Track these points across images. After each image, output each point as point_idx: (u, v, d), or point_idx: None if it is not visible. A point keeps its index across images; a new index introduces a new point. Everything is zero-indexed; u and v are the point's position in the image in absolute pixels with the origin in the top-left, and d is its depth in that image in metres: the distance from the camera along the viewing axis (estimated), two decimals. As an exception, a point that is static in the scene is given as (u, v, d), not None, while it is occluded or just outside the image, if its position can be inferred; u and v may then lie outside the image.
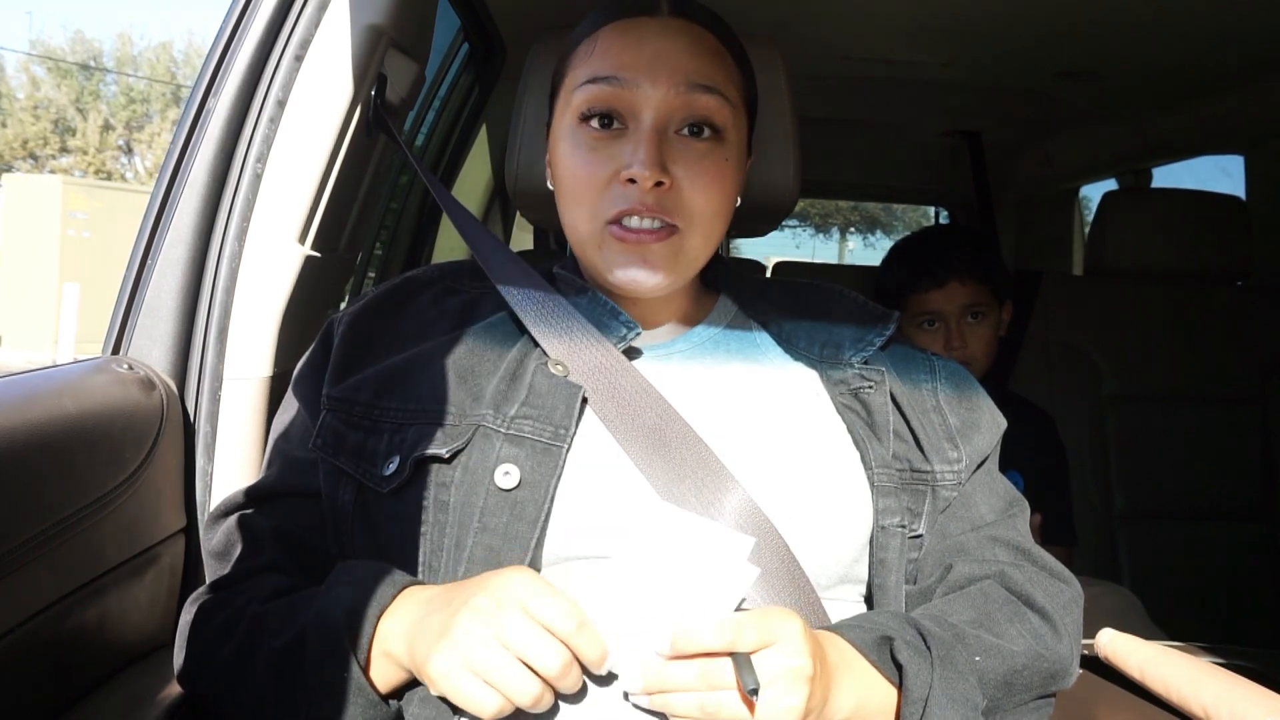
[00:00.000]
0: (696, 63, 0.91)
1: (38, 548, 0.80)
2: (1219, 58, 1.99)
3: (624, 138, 0.90)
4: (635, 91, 0.89)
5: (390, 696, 0.79)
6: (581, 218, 0.92)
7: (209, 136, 1.10)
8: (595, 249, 0.92)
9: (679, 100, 0.90)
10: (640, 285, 0.91)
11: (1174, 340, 2.13)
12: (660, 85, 0.89)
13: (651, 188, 0.88)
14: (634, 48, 0.91)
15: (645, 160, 0.87)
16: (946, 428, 0.96)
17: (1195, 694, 0.99)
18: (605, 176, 0.90)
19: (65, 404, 0.88)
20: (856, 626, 0.82)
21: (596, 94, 0.90)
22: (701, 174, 0.90)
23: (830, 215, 19.12)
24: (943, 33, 1.96)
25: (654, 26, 0.92)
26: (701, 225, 0.91)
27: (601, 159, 0.90)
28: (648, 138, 0.88)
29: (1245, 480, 2.12)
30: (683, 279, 0.94)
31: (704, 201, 0.90)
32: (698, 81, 0.90)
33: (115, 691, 0.93)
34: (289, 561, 0.90)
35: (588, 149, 0.91)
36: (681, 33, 0.92)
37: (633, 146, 0.89)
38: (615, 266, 0.91)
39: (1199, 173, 2.76)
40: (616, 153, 0.90)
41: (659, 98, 0.89)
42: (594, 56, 0.92)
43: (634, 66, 0.90)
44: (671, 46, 0.91)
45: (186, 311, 1.10)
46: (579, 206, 0.92)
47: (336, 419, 0.91)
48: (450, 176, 2.28)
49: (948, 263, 1.83)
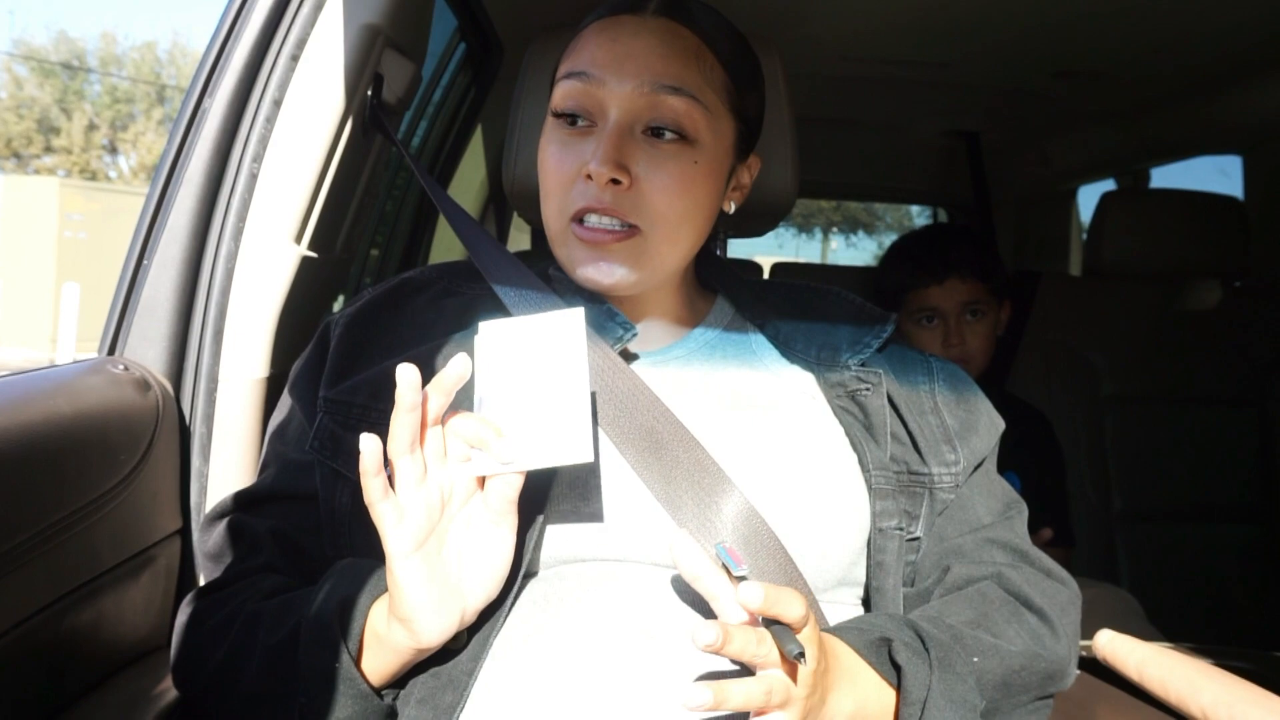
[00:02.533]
0: (666, 63, 0.89)
1: (33, 549, 0.80)
2: (1217, 58, 1.99)
3: (591, 135, 0.90)
4: (602, 89, 0.89)
5: (384, 688, 0.79)
6: (551, 213, 0.92)
7: (205, 136, 1.10)
8: (561, 245, 0.92)
9: (643, 100, 0.89)
10: (599, 284, 0.91)
11: (1172, 341, 2.13)
12: (626, 83, 0.89)
13: (607, 183, 0.87)
14: (607, 45, 0.91)
15: (601, 157, 0.87)
16: (944, 429, 0.96)
17: (1193, 695, 0.99)
18: (571, 173, 0.90)
19: (60, 405, 0.87)
20: (854, 629, 0.82)
21: (568, 90, 0.91)
22: (664, 176, 0.89)
23: (812, 215, 19.16)
24: (941, 33, 1.96)
25: (631, 25, 0.91)
26: (664, 227, 0.90)
27: (569, 155, 0.90)
28: (608, 136, 0.88)
29: (1243, 481, 2.12)
30: (650, 280, 0.93)
31: (665, 204, 0.89)
32: (665, 83, 0.89)
33: (111, 693, 0.92)
34: (285, 563, 0.90)
35: (559, 144, 0.91)
36: (658, 32, 0.91)
37: (595, 144, 0.89)
38: (576, 264, 0.91)
39: (1197, 173, 2.76)
40: (583, 149, 0.90)
41: (623, 95, 0.89)
42: (573, 54, 0.93)
43: (603, 64, 0.89)
44: (644, 45, 0.90)
45: (182, 312, 1.10)
46: (548, 202, 0.92)
47: (333, 421, 0.90)
48: (447, 176, 2.28)
49: (948, 259, 1.83)
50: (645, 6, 0.93)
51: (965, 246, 1.87)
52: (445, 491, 0.75)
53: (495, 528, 0.76)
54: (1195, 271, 2.13)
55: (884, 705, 0.79)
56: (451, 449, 0.76)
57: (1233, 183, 2.51)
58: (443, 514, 0.75)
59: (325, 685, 0.76)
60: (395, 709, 0.79)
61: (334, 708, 0.76)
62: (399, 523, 0.73)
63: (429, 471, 0.74)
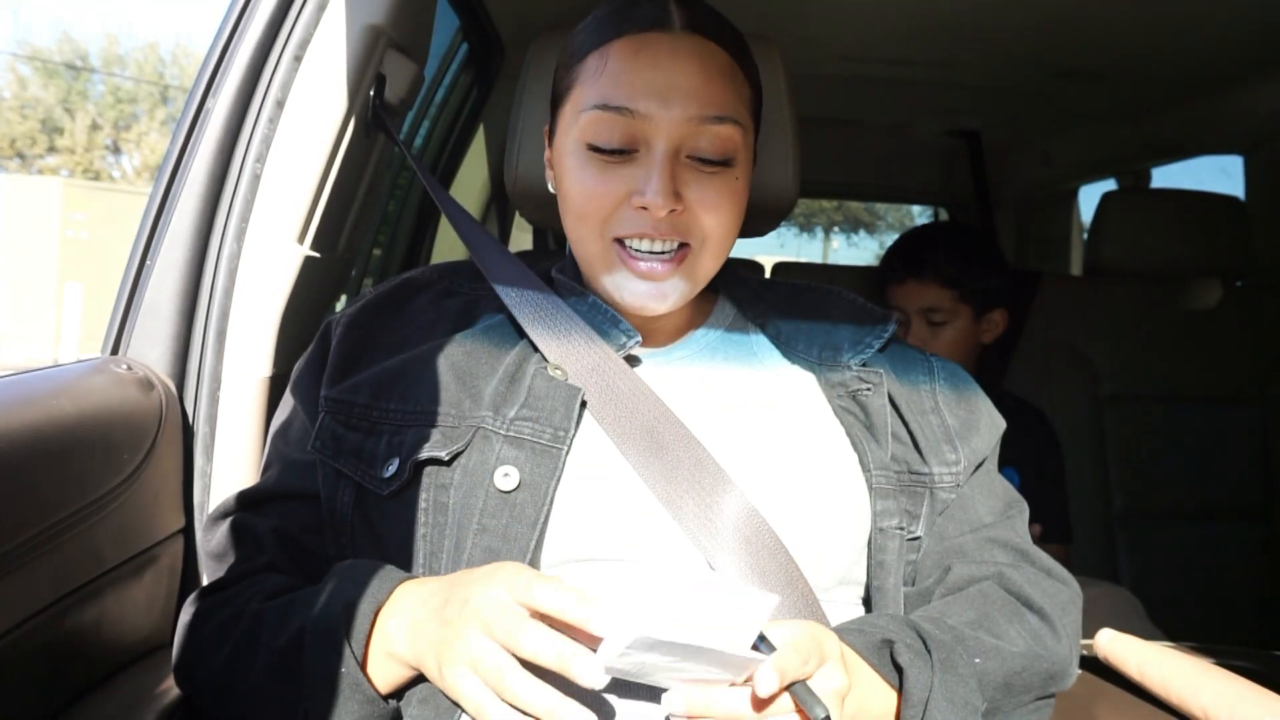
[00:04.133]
0: (709, 91, 0.88)
1: (36, 549, 0.80)
2: (1219, 58, 1.99)
3: (634, 161, 0.89)
4: (647, 123, 0.87)
5: (390, 695, 0.79)
6: (588, 235, 0.91)
7: (208, 137, 1.10)
8: (604, 268, 0.91)
9: (691, 130, 0.88)
10: (654, 311, 0.92)
11: (1173, 340, 2.13)
12: (673, 113, 0.87)
13: (665, 215, 0.87)
14: (646, 72, 0.88)
15: (660, 189, 0.86)
16: (945, 429, 0.96)
17: (1194, 694, 0.99)
18: (615, 200, 0.89)
19: (63, 405, 0.87)
20: (856, 630, 0.82)
21: (608, 122, 0.88)
22: (713, 195, 0.89)
23: (814, 215, 19.16)
24: (942, 32, 1.96)
25: (666, 46, 0.89)
26: (713, 244, 0.91)
27: (612, 180, 0.89)
28: (661, 167, 0.87)
29: (1244, 480, 2.12)
30: (691, 296, 0.94)
31: (715, 222, 0.90)
32: (711, 113, 0.88)
33: (113, 692, 0.93)
34: (288, 563, 0.90)
35: (597, 170, 0.89)
36: (695, 54, 0.89)
37: (645, 173, 0.87)
38: (625, 291, 0.91)
39: (1198, 173, 2.76)
40: (628, 176, 0.88)
41: (670, 127, 0.87)
42: (604, 77, 0.89)
43: (645, 95, 0.87)
44: (685, 70, 0.88)
45: (185, 312, 1.10)
46: (584, 224, 0.91)
47: (335, 421, 0.91)
48: (449, 176, 2.28)
49: (910, 260, 1.79)
50: (672, 21, 0.90)
51: (936, 250, 1.79)
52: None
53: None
54: (1196, 271, 2.13)
55: (885, 707, 0.79)
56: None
57: (1234, 183, 2.51)
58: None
59: (331, 690, 0.76)
60: (401, 711, 0.79)
61: (341, 712, 0.76)
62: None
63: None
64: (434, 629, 0.73)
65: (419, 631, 0.75)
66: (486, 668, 0.69)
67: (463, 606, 0.72)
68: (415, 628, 0.75)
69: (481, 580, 0.73)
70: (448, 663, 0.71)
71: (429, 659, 0.74)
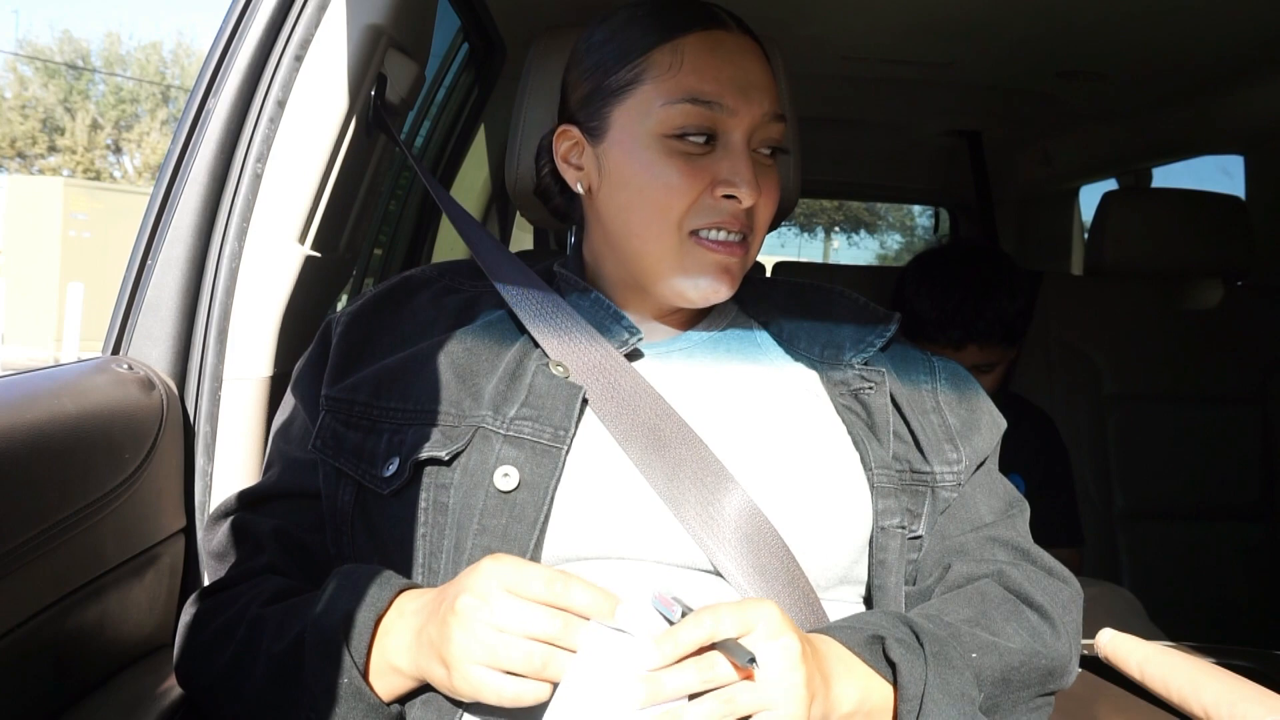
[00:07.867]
0: (773, 90, 0.94)
1: (37, 548, 0.80)
2: (1219, 58, 1.99)
3: (714, 153, 0.91)
4: (733, 117, 0.91)
5: (393, 702, 0.79)
6: (663, 227, 0.91)
7: (209, 136, 1.10)
8: (673, 256, 0.92)
9: (763, 125, 0.93)
10: (715, 297, 0.93)
11: (1174, 340, 2.13)
12: (753, 110, 0.91)
13: (750, 205, 0.91)
14: (728, 68, 0.92)
15: (749, 181, 0.90)
16: (946, 428, 0.96)
17: (1195, 694, 0.99)
18: (699, 189, 0.91)
19: (65, 404, 0.88)
20: (847, 627, 0.82)
21: (696, 115, 0.90)
22: (770, 188, 0.94)
23: (815, 215, 19.18)
24: (943, 32, 1.96)
25: (735, 45, 0.94)
26: (759, 235, 0.95)
27: (696, 171, 0.91)
28: (745, 161, 0.91)
29: (1245, 480, 2.12)
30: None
31: (766, 214, 0.95)
32: (776, 111, 0.93)
33: (115, 692, 0.93)
34: (289, 563, 0.90)
35: (682, 160, 0.91)
36: (755, 53, 0.95)
37: (730, 164, 0.90)
38: (696, 275, 0.92)
39: (1199, 173, 2.76)
40: (710, 166, 0.91)
41: (751, 122, 0.92)
42: (684, 71, 0.91)
43: (730, 91, 0.91)
44: (755, 68, 0.93)
45: (186, 311, 1.10)
46: (660, 216, 0.91)
47: (335, 419, 0.91)
48: (450, 177, 2.28)
49: (972, 328, 1.71)
50: (728, 22, 0.95)
51: (998, 305, 1.71)
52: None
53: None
54: (1197, 270, 2.12)
55: (885, 699, 0.79)
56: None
57: (1235, 182, 2.51)
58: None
59: (334, 700, 0.76)
60: (404, 712, 0.79)
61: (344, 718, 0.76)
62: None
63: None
64: (434, 630, 0.74)
65: (420, 643, 0.75)
66: (482, 653, 0.71)
67: (449, 614, 0.73)
68: (415, 641, 0.75)
69: (464, 584, 0.74)
70: (456, 666, 0.72)
71: (435, 668, 0.74)
